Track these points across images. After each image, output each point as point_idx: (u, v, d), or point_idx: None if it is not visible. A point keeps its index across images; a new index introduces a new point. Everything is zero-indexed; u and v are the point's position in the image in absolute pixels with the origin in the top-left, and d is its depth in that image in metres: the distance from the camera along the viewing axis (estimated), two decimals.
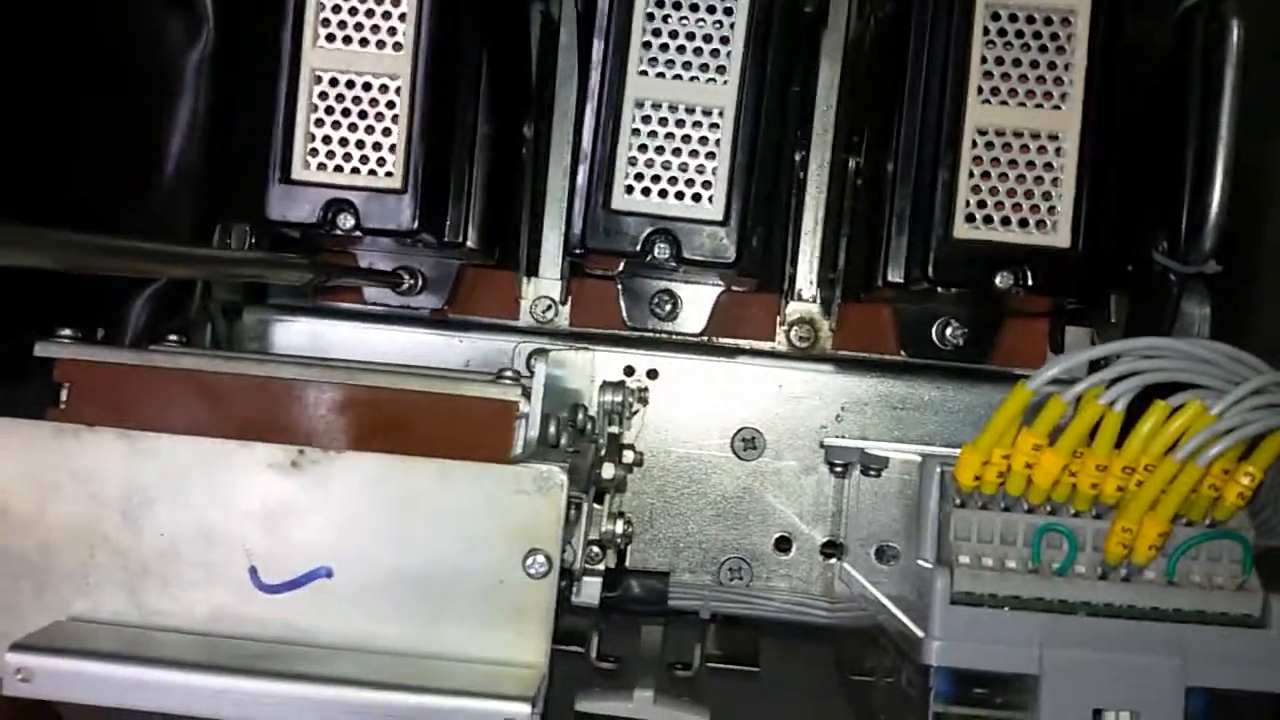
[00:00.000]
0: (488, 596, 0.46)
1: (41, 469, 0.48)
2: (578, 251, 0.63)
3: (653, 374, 0.71)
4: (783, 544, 0.69)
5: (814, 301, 0.72)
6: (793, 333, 0.72)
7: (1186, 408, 0.43)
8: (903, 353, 0.71)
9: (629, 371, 0.71)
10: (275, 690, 0.42)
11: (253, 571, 0.47)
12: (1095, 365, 0.45)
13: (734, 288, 0.71)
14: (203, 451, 0.48)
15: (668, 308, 0.71)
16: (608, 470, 0.57)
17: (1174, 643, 0.44)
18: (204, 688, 0.43)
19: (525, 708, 0.42)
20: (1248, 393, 0.43)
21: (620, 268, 0.68)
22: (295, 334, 0.72)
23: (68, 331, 0.54)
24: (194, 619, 0.46)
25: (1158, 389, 0.44)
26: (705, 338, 0.72)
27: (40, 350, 0.53)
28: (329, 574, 0.46)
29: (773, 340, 0.72)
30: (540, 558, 0.46)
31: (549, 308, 0.72)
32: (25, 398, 0.54)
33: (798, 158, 0.71)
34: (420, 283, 0.71)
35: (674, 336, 0.72)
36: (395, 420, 0.52)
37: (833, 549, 0.69)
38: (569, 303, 0.72)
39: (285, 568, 0.46)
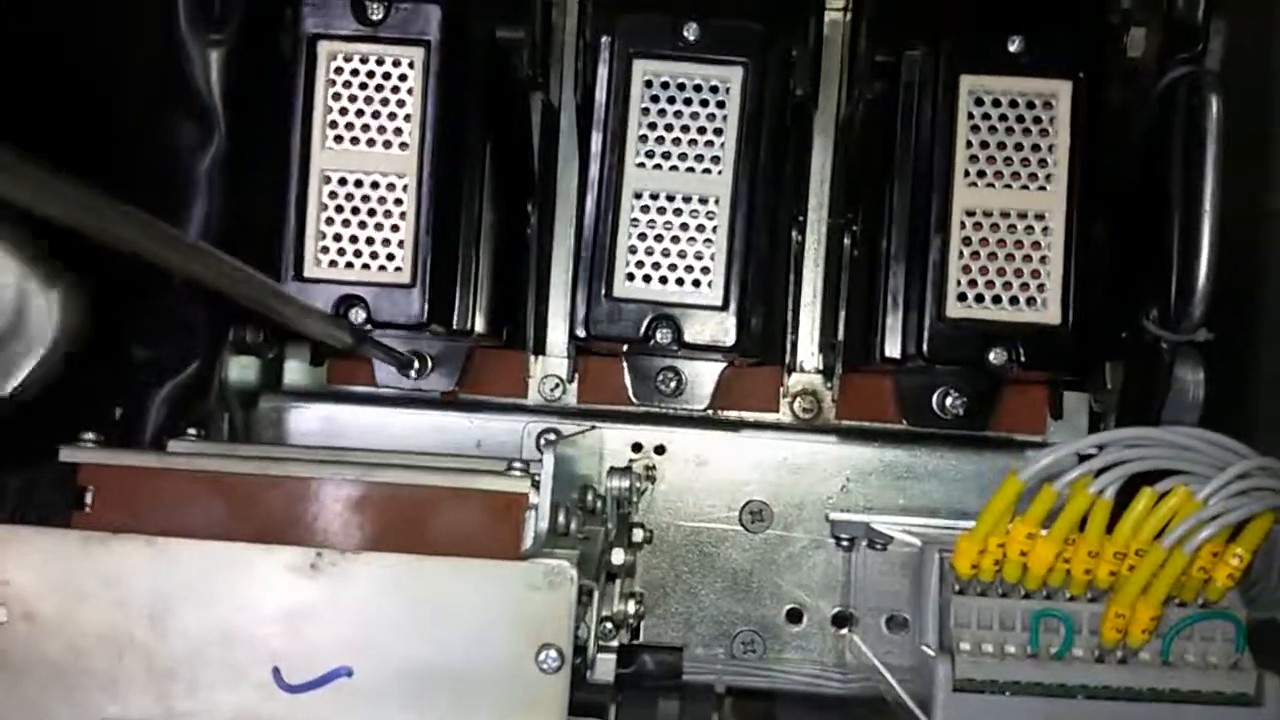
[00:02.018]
0: (502, 691, 0.47)
1: (68, 576, 0.49)
2: (581, 337, 0.65)
3: (660, 449, 0.72)
4: (794, 616, 0.70)
5: (816, 373, 0.74)
6: (796, 404, 0.74)
7: (1173, 494, 0.45)
8: (905, 422, 0.72)
9: (637, 448, 0.72)
10: None
11: (275, 672, 0.48)
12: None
13: (737, 363, 0.72)
14: (224, 556, 0.49)
15: (673, 384, 0.73)
16: (617, 556, 0.58)
17: None
18: None
19: None
20: (1232, 478, 0.44)
21: (625, 349, 0.70)
22: (310, 420, 0.74)
23: (91, 436, 0.55)
24: (220, 719, 0.48)
25: (1145, 475, 0.46)
26: (710, 412, 0.73)
27: (65, 456, 0.54)
28: (349, 673, 0.48)
29: (777, 412, 0.74)
30: (552, 652, 0.47)
31: (557, 386, 0.74)
32: (46, 488, 0.56)
33: (795, 234, 0.73)
34: (430, 365, 0.73)
35: (680, 411, 0.73)
36: (408, 516, 0.53)
37: (843, 619, 0.70)
38: (576, 381, 0.74)
39: (307, 668, 0.48)
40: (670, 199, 0.64)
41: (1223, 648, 0.46)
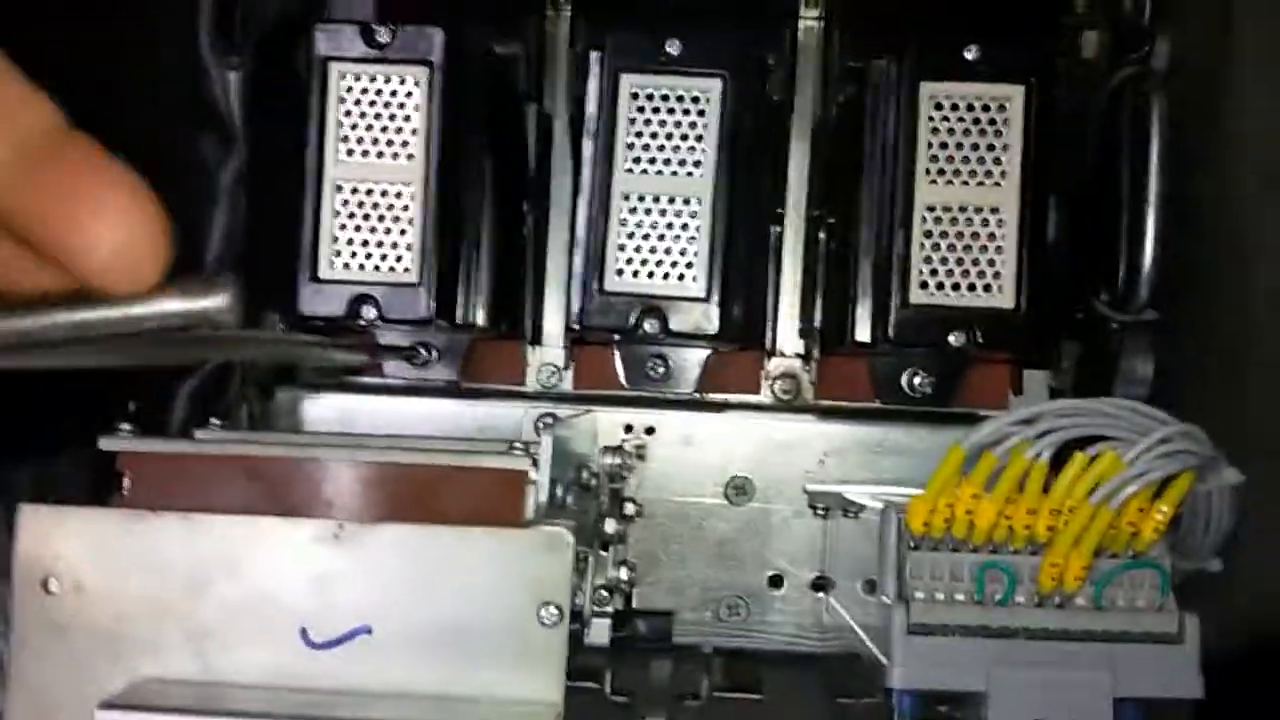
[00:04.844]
0: (507, 644, 0.52)
1: (112, 551, 0.54)
2: (576, 328, 0.71)
3: (650, 430, 0.78)
4: (775, 581, 0.76)
5: (795, 357, 0.79)
6: (776, 386, 0.79)
7: (1102, 457, 0.50)
8: (877, 401, 0.77)
9: (628, 429, 0.77)
10: None
11: (303, 632, 0.53)
12: None
13: (720, 349, 0.77)
14: (254, 529, 0.54)
15: (661, 370, 0.77)
16: (610, 525, 0.64)
17: (1103, 660, 0.50)
18: None
19: None
20: (1154, 442, 0.50)
21: (617, 339, 0.75)
22: (323, 408, 0.79)
23: (127, 426, 0.61)
24: (253, 675, 0.52)
25: (1079, 442, 0.51)
26: (696, 395, 0.78)
27: (105, 445, 0.59)
28: (369, 631, 0.53)
29: (758, 394, 0.79)
30: (552, 608, 0.52)
31: (553, 374, 0.79)
32: (63, 479, 0.61)
33: (774, 230, 0.78)
34: (435, 357, 0.78)
35: (668, 395, 0.78)
36: (420, 492, 0.58)
37: (821, 584, 0.75)
38: (571, 368, 0.79)
39: (331, 627, 0.53)
40: (656, 200, 0.70)
41: (1149, 593, 0.52)
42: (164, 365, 0.46)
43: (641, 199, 0.70)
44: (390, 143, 0.69)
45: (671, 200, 0.70)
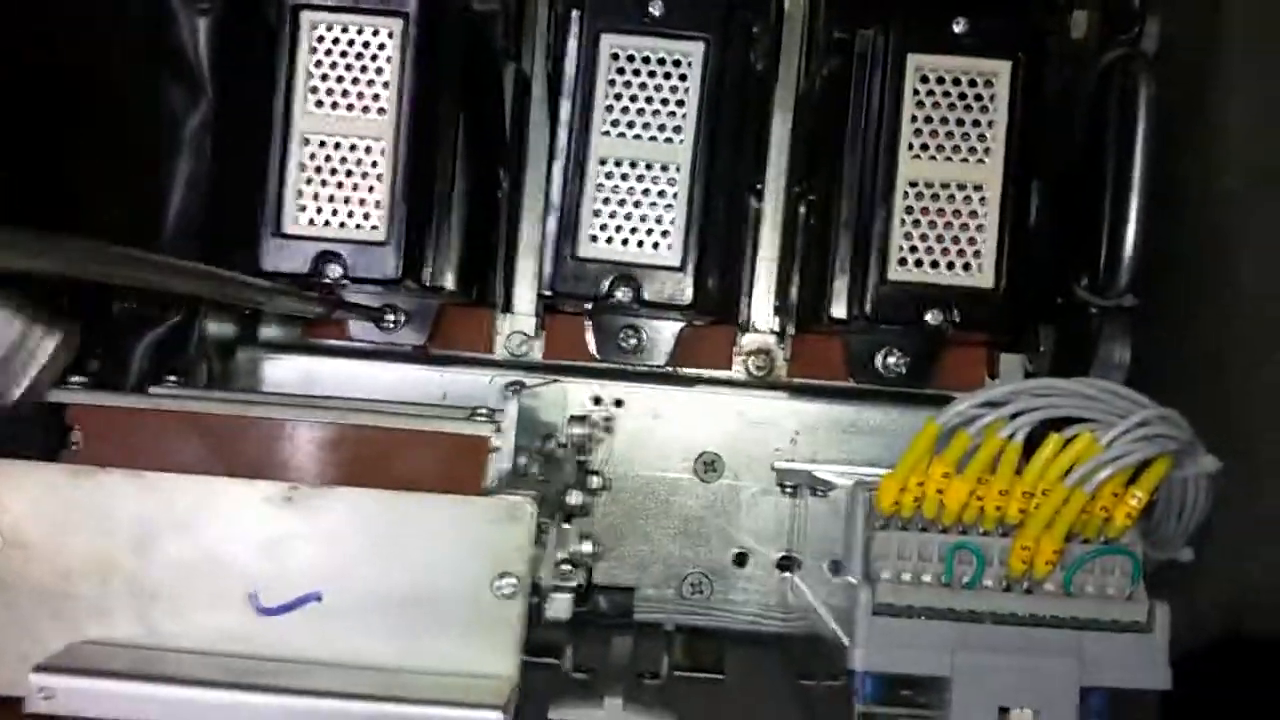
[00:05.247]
0: (463, 615, 0.50)
1: (58, 508, 0.52)
2: (547, 294, 0.69)
3: (619, 403, 0.76)
4: (740, 559, 0.75)
5: (770, 333, 0.78)
6: (750, 362, 0.77)
7: (1078, 439, 0.49)
8: (851, 380, 0.76)
9: (597, 401, 0.76)
10: (272, 703, 0.47)
11: (252, 596, 0.51)
12: None
13: (694, 322, 0.76)
14: (205, 488, 0.52)
15: (633, 341, 0.76)
16: (574, 497, 0.62)
17: (1070, 647, 0.49)
18: (209, 703, 0.47)
19: (497, 715, 0.47)
20: (1132, 425, 0.48)
21: (588, 307, 0.73)
22: (285, 370, 0.77)
23: (78, 378, 0.59)
24: (200, 640, 0.51)
25: (1055, 423, 0.50)
26: (668, 368, 0.77)
27: (54, 397, 0.57)
28: (319, 598, 0.51)
29: (731, 370, 0.78)
30: (510, 580, 0.51)
31: (523, 342, 0.77)
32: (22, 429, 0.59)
33: (754, 201, 0.76)
34: (402, 320, 0.76)
35: (639, 368, 0.77)
36: (379, 455, 0.57)
37: (787, 563, 0.74)
38: (542, 337, 0.77)
39: (281, 592, 0.51)
40: (634, 165, 0.68)
41: (1120, 580, 0.51)
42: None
43: (618, 164, 0.68)
44: (361, 95, 0.67)
45: (649, 166, 0.68)
